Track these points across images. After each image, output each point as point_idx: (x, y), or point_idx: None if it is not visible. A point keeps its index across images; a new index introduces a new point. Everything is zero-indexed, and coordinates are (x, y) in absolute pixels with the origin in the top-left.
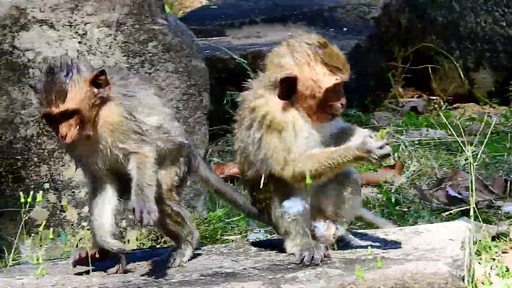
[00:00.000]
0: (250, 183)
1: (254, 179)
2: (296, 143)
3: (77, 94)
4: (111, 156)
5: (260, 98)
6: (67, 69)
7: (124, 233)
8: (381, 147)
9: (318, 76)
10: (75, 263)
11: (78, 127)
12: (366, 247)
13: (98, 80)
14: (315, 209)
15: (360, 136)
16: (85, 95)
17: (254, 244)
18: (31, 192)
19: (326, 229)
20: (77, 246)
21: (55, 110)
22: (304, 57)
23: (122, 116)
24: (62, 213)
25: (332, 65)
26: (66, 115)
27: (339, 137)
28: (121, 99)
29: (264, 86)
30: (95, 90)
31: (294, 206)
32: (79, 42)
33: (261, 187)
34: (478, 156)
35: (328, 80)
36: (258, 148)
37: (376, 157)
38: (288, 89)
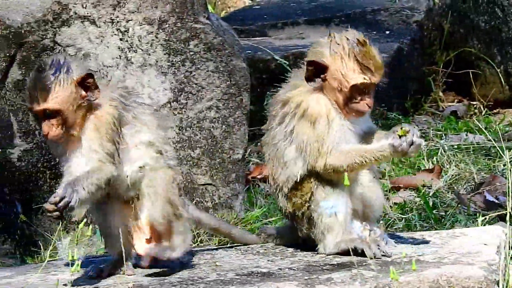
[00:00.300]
0: (283, 186)
1: (287, 180)
2: (330, 134)
3: (61, 94)
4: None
5: (294, 89)
6: (56, 68)
7: None
8: (412, 143)
9: (348, 71)
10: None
11: (61, 126)
12: (401, 249)
13: (86, 83)
14: (350, 211)
15: (390, 137)
16: (70, 96)
17: (290, 245)
18: None
19: (362, 230)
20: None
21: (36, 107)
22: (339, 50)
23: (110, 122)
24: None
25: (364, 64)
26: (48, 113)
27: (366, 137)
28: (116, 107)
29: (299, 79)
30: (83, 92)
31: (335, 205)
32: (121, 39)
33: (297, 180)
34: None
35: (356, 77)
36: (290, 142)
37: (412, 155)
38: (316, 74)
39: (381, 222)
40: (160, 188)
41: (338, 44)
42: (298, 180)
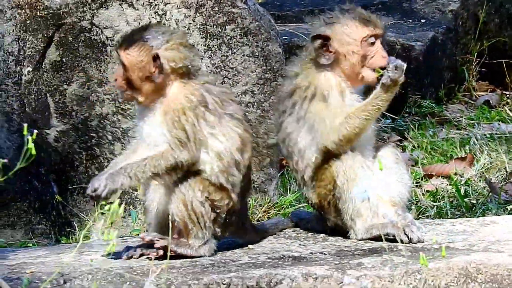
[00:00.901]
0: (304, 176)
1: (306, 169)
2: (342, 107)
3: (134, 55)
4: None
5: (296, 76)
6: (151, 34)
7: None
8: (396, 68)
9: (351, 30)
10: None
11: (125, 82)
12: (432, 236)
13: (159, 62)
14: (379, 196)
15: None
16: (139, 62)
17: (322, 230)
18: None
19: (394, 215)
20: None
21: (119, 52)
22: (334, 18)
23: (184, 108)
24: (133, 191)
25: (363, 18)
26: (122, 63)
27: None
28: (192, 99)
29: (297, 67)
30: (152, 68)
31: (361, 190)
32: (158, 22)
33: (314, 167)
34: None
35: (361, 30)
36: (303, 126)
37: (401, 79)
38: (323, 50)
39: (412, 208)
40: (183, 187)
41: (330, 17)
42: (314, 167)
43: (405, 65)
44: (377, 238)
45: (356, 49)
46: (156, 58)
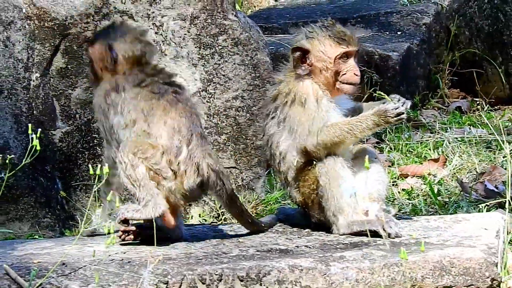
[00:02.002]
0: (287, 177)
1: (288, 170)
2: (319, 112)
3: (97, 48)
4: None
5: (279, 83)
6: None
7: (187, 209)
8: (395, 108)
9: (326, 48)
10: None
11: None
12: (409, 232)
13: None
14: (360, 194)
15: (375, 105)
16: (99, 54)
17: (306, 225)
18: (105, 166)
19: (378, 210)
20: None
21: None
22: (314, 35)
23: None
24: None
25: (337, 37)
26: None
27: (354, 114)
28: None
29: (282, 74)
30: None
31: (346, 189)
32: (156, 33)
33: (297, 167)
34: None
35: (335, 50)
36: (283, 129)
37: (392, 115)
38: (301, 61)
39: (393, 205)
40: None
41: (311, 31)
42: (296, 169)
43: (405, 115)
44: (358, 233)
45: (330, 66)
46: (110, 48)
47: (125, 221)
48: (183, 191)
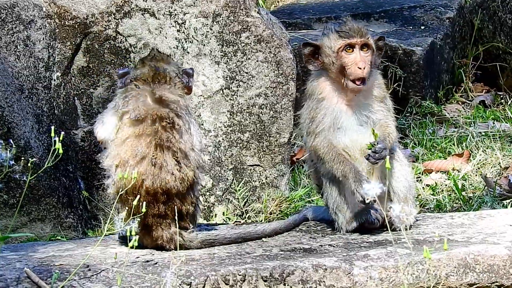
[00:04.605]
0: (309, 167)
1: (308, 160)
2: (318, 114)
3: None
4: None
5: (309, 81)
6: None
7: (211, 208)
8: (362, 201)
9: (331, 42)
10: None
11: None
12: (433, 229)
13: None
14: (386, 192)
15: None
16: None
17: (331, 223)
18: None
19: (400, 210)
20: None
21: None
22: (326, 31)
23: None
24: None
25: (341, 31)
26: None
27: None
28: None
29: (314, 73)
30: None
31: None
32: (178, 31)
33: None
34: None
35: (337, 43)
36: (303, 121)
37: (358, 200)
38: (314, 58)
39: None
40: None
41: (325, 28)
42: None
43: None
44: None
45: (334, 60)
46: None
47: None
48: None
